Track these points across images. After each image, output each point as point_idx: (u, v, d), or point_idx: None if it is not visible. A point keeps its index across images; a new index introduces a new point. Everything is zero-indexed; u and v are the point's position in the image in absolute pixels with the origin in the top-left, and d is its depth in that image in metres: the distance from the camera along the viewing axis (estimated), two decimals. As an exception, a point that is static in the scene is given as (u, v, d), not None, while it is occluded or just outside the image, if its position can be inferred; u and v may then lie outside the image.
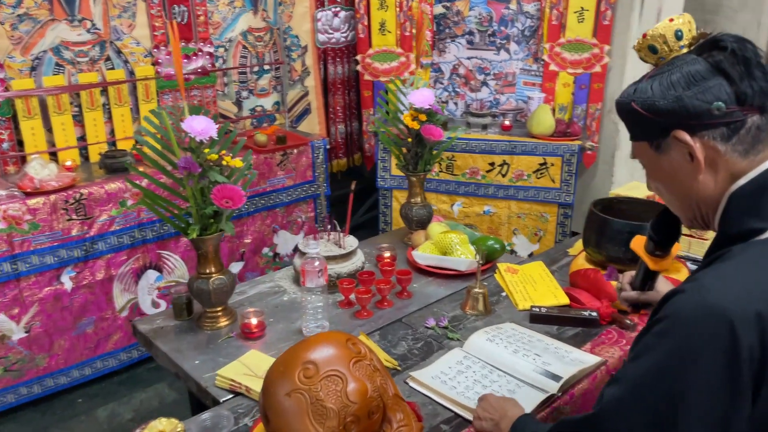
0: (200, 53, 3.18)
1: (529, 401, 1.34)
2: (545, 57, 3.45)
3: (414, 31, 3.55)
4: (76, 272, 2.62)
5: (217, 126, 1.56)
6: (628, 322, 1.62)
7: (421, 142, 2.00)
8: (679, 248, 1.18)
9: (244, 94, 3.46)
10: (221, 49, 3.30)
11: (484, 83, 3.60)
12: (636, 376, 0.85)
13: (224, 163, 1.57)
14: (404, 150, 2.07)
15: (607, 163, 3.59)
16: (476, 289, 1.72)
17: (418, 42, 2.08)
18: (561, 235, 3.28)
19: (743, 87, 0.87)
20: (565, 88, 3.48)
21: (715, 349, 0.77)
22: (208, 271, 1.65)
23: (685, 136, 0.90)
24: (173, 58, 1.62)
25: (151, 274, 2.85)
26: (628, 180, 3.70)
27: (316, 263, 1.59)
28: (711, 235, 0.98)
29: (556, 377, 1.41)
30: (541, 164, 3.18)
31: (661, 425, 0.81)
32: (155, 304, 2.89)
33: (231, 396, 1.42)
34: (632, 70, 3.43)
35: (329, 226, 1.91)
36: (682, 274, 1.70)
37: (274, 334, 1.66)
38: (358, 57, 3.67)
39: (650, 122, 0.93)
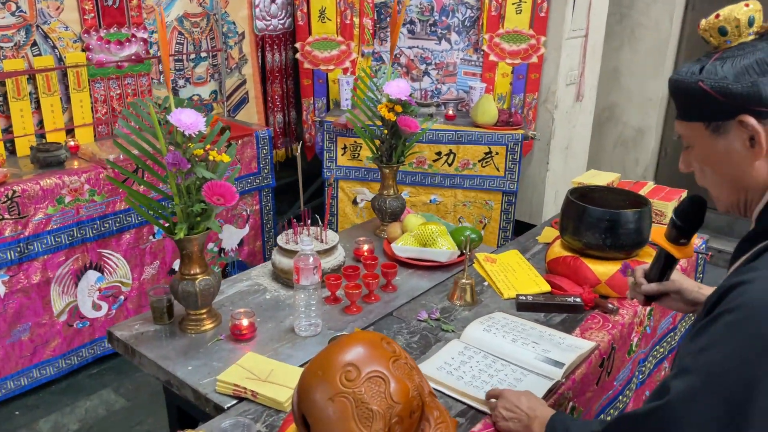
0: (134, 39, 3.00)
1: (537, 389, 1.37)
2: (485, 47, 3.52)
3: (356, 19, 3.51)
4: (9, 276, 2.42)
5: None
6: (610, 306, 1.70)
7: (397, 133, 1.99)
8: (696, 237, 1.22)
9: (181, 82, 3.30)
10: (156, 35, 3.13)
11: (426, 73, 3.63)
12: (709, 366, 0.86)
13: (210, 158, 1.49)
14: (377, 142, 2.05)
15: (542, 151, 3.72)
16: (464, 280, 1.74)
17: (393, 35, 2.05)
18: (505, 222, 3.37)
19: None
20: (503, 78, 3.56)
21: None
22: (193, 272, 1.56)
23: (753, 121, 0.91)
24: (160, 44, 1.51)
25: (92, 275, 2.67)
26: (562, 167, 3.86)
27: (311, 260, 1.54)
28: None
29: (558, 364, 1.45)
30: (486, 153, 3.25)
31: (734, 412, 0.83)
32: (96, 307, 2.72)
33: (235, 402, 1.36)
34: (567, 60, 3.57)
35: (309, 220, 1.86)
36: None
37: (265, 335, 1.60)
38: (297, 45, 3.59)
39: (717, 104, 0.93)
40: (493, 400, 1.30)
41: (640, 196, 1.83)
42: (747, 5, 0.95)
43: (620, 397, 1.76)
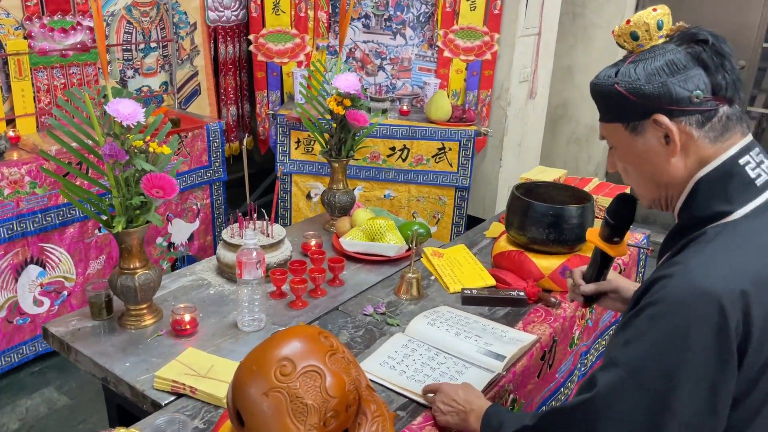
0: (79, 27, 2.91)
1: (478, 382, 1.39)
2: (439, 43, 3.53)
3: (310, 12, 3.48)
4: (-56, 271, 2.33)
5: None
6: (553, 300, 1.72)
7: (345, 127, 1.98)
8: (629, 236, 1.24)
9: (129, 73, 3.22)
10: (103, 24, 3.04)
11: (381, 68, 3.62)
12: (633, 358, 0.89)
13: (151, 150, 1.46)
14: (327, 136, 2.04)
15: (495, 147, 3.76)
16: (410, 274, 1.74)
17: (342, 27, 2.04)
18: (458, 217, 3.40)
19: (718, 78, 0.94)
20: (457, 74, 3.58)
21: (707, 327, 0.84)
22: (132, 266, 1.53)
23: (666, 120, 0.96)
24: (96, 30, 1.47)
25: (33, 270, 2.59)
26: (515, 164, 3.90)
27: (254, 254, 1.53)
28: None
29: (499, 356, 1.46)
30: (439, 149, 3.27)
31: (658, 402, 0.86)
32: (38, 302, 2.64)
33: (173, 398, 1.34)
34: (520, 58, 3.61)
35: (255, 215, 1.84)
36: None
37: (208, 330, 1.58)
38: (251, 37, 3.54)
39: (632, 105, 0.98)
40: (431, 394, 1.31)
41: (583, 192, 1.86)
42: (655, 10, 0.99)
43: (562, 389, 1.79)
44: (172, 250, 3.13)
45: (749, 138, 0.98)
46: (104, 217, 1.50)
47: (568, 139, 4.78)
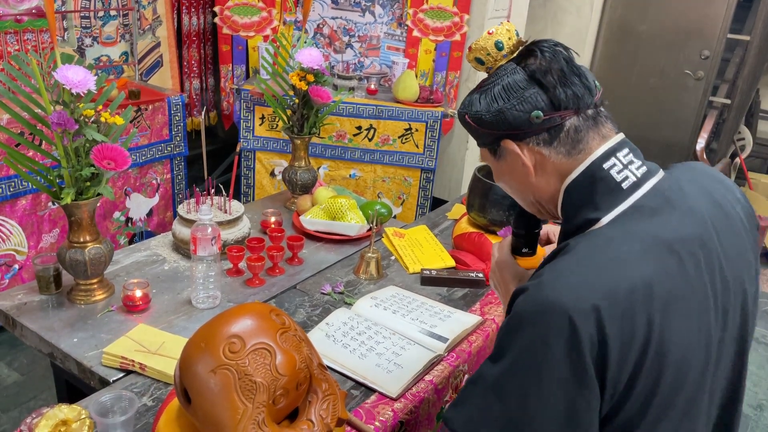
0: (35, -9, 2.80)
1: (418, 359, 1.38)
2: (408, 22, 3.49)
3: (278, -15, 3.41)
4: None
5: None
6: (511, 282, 1.73)
7: (308, 103, 1.94)
8: (544, 252, 1.20)
9: (88, 41, 3.11)
10: (60, -11, 2.93)
11: (349, 45, 3.57)
12: (494, 374, 0.87)
13: (102, 119, 1.41)
14: (289, 112, 2.00)
15: (462, 129, 3.75)
16: (369, 254, 1.73)
17: (306, 1, 1.99)
18: (423, 198, 3.39)
19: (557, 94, 0.90)
20: (426, 54, 3.55)
21: (559, 341, 0.80)
22: (82, 239, 1.48)
23: (513, 145, 0.95)
24: (43, -4, 1.40)
25: (-17, 243, 2.51)
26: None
27: (209, 230, 1.49)
28: None
29: (442, 338, 1.46)
30: (406, 129, 3.24)
31: (515, 418, 0.85)
32: (-12, 276, 2.56)
33: (122, 375, 1.31)
34: (489, 41, 3.59)
35: (213, 190, 1.80)
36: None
37: (160, 306, 1.55)
38: (217, 9, 3.45)
39: (482, 133, 0.97)
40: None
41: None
42: (490, 33, 0.96)
43: (518, 371, 1.80)
44: (130, 225, 3.06)
45: (616, 139, 0.94)
46: (53, 189, 1.45)
47: (534, 124, 4.80)
